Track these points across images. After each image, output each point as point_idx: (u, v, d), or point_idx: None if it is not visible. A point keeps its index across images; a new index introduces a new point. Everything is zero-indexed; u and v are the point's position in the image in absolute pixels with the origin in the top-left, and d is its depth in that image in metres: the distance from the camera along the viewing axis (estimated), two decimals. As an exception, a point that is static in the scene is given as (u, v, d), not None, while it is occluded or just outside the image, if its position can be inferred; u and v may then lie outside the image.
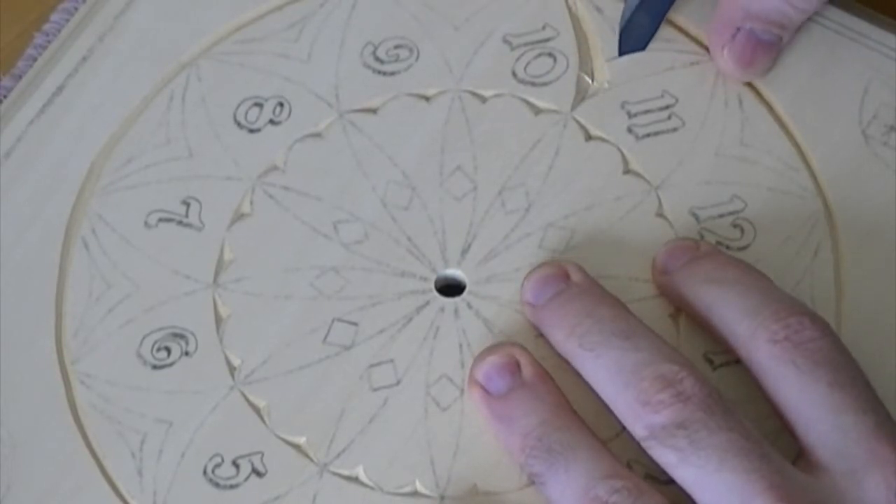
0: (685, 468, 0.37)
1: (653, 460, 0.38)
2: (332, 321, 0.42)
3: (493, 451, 0.40)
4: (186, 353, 0.42)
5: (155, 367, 0.42)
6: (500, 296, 0.42)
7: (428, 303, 0.42)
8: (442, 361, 0.42)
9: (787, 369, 0.38)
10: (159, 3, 0.47)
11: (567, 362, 0.40)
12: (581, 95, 0.45)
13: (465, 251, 0.43)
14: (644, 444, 0.38)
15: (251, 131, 0.45)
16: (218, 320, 0.42)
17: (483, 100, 0.45)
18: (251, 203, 0.44)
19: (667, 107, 0.45)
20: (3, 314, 0.43)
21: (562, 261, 0.42)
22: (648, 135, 0.44)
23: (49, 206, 0.44)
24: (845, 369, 0.38)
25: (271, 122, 0.45)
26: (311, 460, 0.41)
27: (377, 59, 0.46)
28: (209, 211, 0.44)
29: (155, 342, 0.42)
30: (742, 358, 0.39)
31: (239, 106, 0.45)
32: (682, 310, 0.41)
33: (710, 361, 0.41)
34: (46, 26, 0.47)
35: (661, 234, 0.43)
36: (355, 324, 0.42)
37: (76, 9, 0.47)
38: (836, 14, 0.45)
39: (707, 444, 0.36)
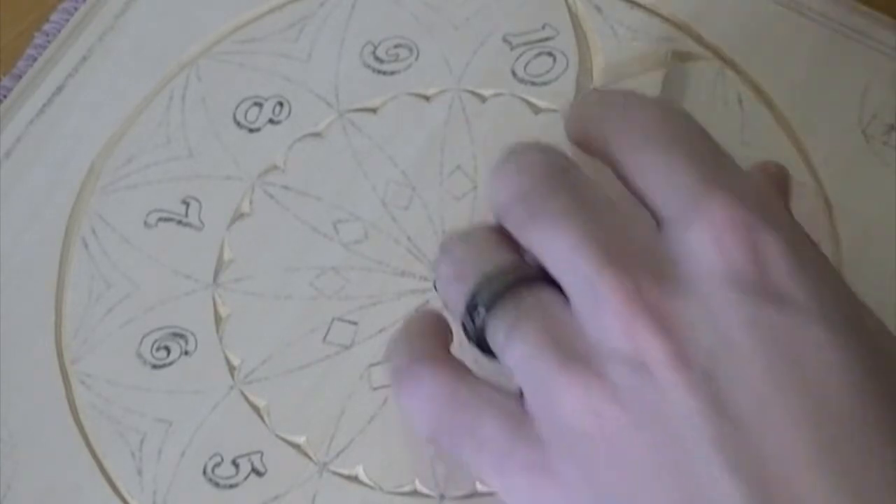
0: (527, 237, 0.36)
1: None
2: (332, 321, 0.42)
3: (493, 451, 0.40)
4: (186, 353, 0.42)
5: (155, 366, 0.42)
6: (500, 295, 0.42)
7: (428, 302, 0.42)
8: (442, 361, 0.42)
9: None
10: (159, 3, 0.47)
11: None
12: (581, 95, 0.45)
13: (464, 251, 0.43)
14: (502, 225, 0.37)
15: (251, 131, 0.45)
16: (218, 320, 0.42)
17: (483, 99, 0.45)
18: (251, 203, 0.44)
19: (667, 106, 0.45)
20: (3, 314, 0.43)
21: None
22: (648, 134, 0.44)
23: (49, 206, 0.44)
24: (682, 128, 0.37)
25: (271, 121, 0.45)
26: (311, 460, 0.41)
27: (377, 58, 0.46)
28: (209, 210, 0.44)
29: (155, 342, 0.42)
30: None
31: (239, 106, 0.45)
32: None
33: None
34: (46, 26, 0.47)
35: (661, 233, 0.43)
36: (355, 323, 0.42)
37: (76, 9, 0.47)
38: (836, 13, 0.45)
39: (540, 211, 0.35)
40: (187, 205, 0.44)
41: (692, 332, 0.33)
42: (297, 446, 0.41)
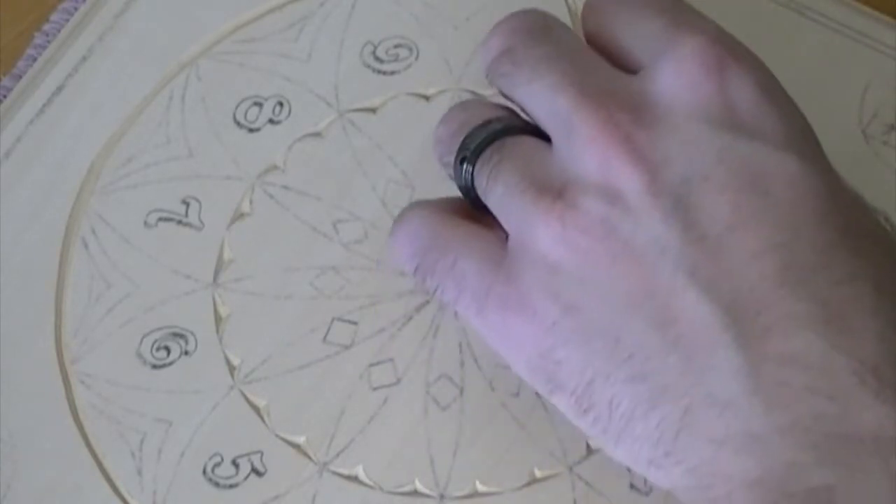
0: (512, 87, 0.37)
1: None
2: (332, 320, 0.42)
3: (493, 451, 0.40)
4: (186, 353, 0.42)
5: (155, 366, 0.42)
6: (500, 295, 0.42)
7: (427, 302, 0.42)
8: (442, 360, 0.42)
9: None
10: (159, 3, 0.47)
11: None
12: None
13: (464, 251, 0.43)
14: (492, 85, 0.38)
15: (251, 131, 0.45)
16: (218, 320, 0.42)
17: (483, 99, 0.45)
18: (251, 203, 0.44)
19: (667, 106, 0.45)
20: (3, 314, 0.43)
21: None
22: (648, 134, 0.44)
23: (49, 206, 0.44)
24: None
25: (271, 121, 0.45)
26: (311, 460, 0.41)
27: (377, 58, 0.46)
28: (209, 210, 0.44)
29: (155, 342, 0.42)
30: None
31: (239, 105, 0.45)
32: None
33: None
34: (46, 26, 0.47)
35: (661, 233, 0.43)
36: (355, 323, 0.42)
37: (76, 9, 0.47)
38: (836, 13, 0.45)
39: (523, 59, 0.36)
40: (187, 205, 0.44)
41: (665, 163, 0.34)
42: (297, 446, 0.41)
